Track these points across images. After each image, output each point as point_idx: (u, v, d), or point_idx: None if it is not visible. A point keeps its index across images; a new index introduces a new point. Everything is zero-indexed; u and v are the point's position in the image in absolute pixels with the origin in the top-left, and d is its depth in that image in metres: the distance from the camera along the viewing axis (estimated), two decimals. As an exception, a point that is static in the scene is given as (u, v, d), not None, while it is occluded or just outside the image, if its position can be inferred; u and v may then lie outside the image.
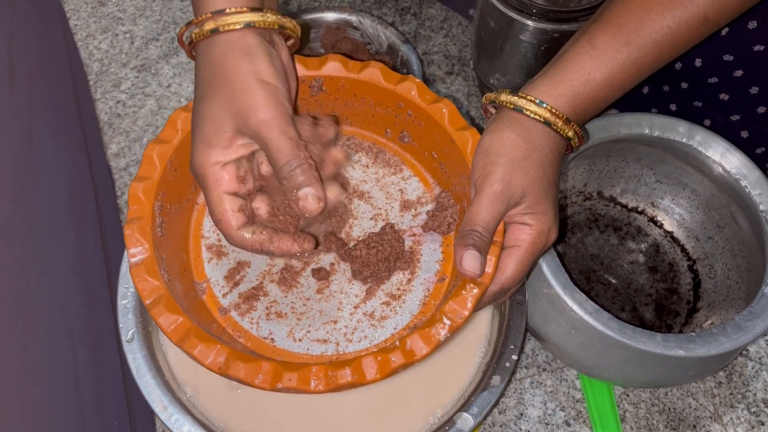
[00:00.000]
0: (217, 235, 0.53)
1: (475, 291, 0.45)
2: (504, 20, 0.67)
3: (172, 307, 0.44)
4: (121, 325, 0.53)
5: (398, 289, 0.51)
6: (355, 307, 0.50)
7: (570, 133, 0.49)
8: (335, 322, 0.50)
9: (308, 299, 0.51)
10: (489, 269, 0.46)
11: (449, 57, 0.87)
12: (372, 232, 0.52)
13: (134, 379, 0.51)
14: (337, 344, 0.49)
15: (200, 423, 0.50)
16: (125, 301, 0.54)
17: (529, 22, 0.65)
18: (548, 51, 0.68)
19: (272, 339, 0.49)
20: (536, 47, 0.67)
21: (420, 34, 0.89)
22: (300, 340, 0.49)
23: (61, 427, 0.52)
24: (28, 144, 0.64)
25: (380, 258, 0.50)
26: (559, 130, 0.48)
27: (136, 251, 0.45)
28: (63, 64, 0.78)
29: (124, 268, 0.55)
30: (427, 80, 0.85)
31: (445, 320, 0.44)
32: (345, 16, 0.76)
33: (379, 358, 0.43)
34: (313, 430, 0.52)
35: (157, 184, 0.48)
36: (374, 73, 0.53)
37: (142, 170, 0.48)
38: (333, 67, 0.53)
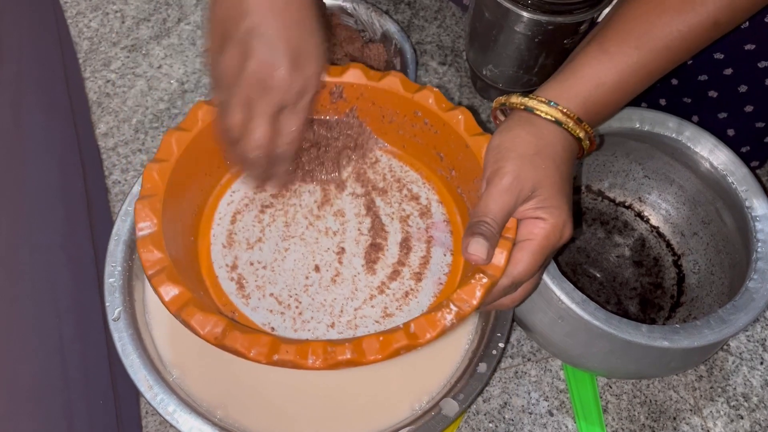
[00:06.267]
0: (232, 224, 0.54)
1: (485, 281, 0.44)
2: (499, 11, 0.67)
3: (173, 278, 0.44)
4: (107, 304, 0.52)
5: (409, 290, 0.51)
6: (363, 302, 0.51)
7: (581, 134, 0.49)
8: (339, 315, 0.50)
9: (316, 293, 0.51)
10: (501, 263, 0.45)
11: (442, 47, 0.87)
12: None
13: (120, 358, 0.51)
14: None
15: (186, 404, 0.50)
16: (112, 279, 0.53)
17: (524, 14, 0.65)
18: (542, 43, 0.68)
19: (272, 328, 0.49)
20: (530, 39, 0.68)
21: (414, 24, 0.88)
22: (300, 331, 0.49)
23: (46, 404, 0.52)
24: (17, 119, 0.64)
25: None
26: (570, 130, 0.49)
27: (144, 225, 0.46)
28: (53, 40, 0.77)
29: (112, 246, 0.54)
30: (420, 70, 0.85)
31: (452, 306, 0.44)
32: (339, 2, 0.76)
33: (381, 338, 0.43)
34: (298, 415, 0.53)
35: (172, 168, 0.49)
36: (394, 81, 0.54)
37: (159, 153, 0.50)
38: (354, 74, 0.54)
